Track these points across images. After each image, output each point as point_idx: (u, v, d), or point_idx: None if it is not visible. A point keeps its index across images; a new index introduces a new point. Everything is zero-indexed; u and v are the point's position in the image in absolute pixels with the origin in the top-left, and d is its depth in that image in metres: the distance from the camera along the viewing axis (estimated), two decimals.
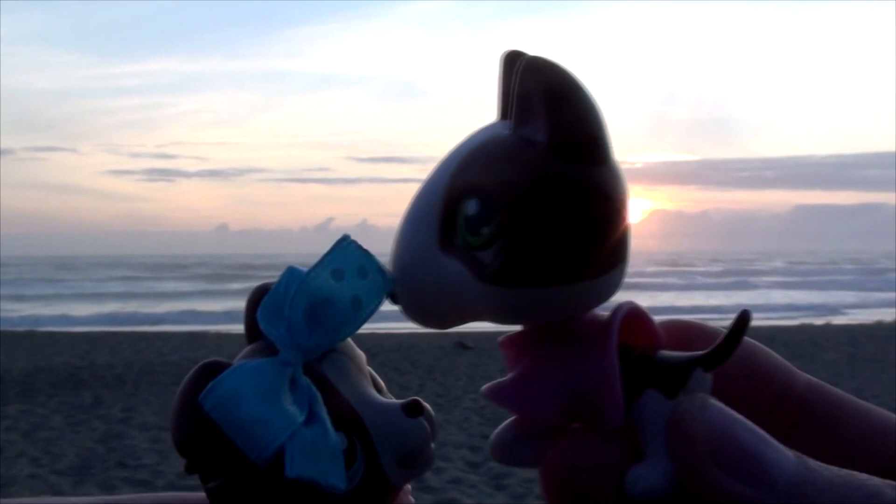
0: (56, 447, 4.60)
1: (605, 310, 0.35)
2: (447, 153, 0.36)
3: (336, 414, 0.36)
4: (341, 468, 0.35)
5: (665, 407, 0.33)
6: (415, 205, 0.36)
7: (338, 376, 0.37)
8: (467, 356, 7.80)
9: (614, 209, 0.33)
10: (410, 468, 0.37)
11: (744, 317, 0.33)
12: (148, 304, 18.75)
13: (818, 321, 13.04)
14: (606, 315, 0.35)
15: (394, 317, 0.43)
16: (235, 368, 0.35)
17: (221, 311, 15.36)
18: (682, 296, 20.85)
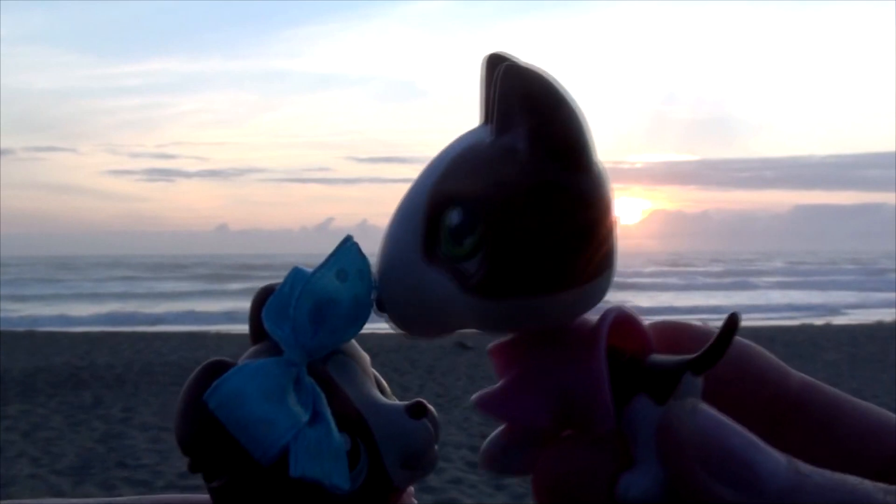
0: (56, 447, 4.60)
1: (596, 313, 0.35)
2: (429, 162, 0.36)
3: (340, 414, 0.36)
4: (345, 468, 0.35)
5: (655, 412, 0.32)
6: (397, 216, 0.36)
7: (342, 377, 0.37)
8: (467, 356, 7.79)
9: (598, 216, 0.33)
10: (414, 470, 0.37)
11: (732, 320, 0.32)
12: (147, 305, 18.68)
13: (818, 321, 13.02)
14: (595, 320, 0.35)
15: None
16: (240, 367, 0.35)
17: (221, 312, 15.35)
18: (682, 296, 20.80)
